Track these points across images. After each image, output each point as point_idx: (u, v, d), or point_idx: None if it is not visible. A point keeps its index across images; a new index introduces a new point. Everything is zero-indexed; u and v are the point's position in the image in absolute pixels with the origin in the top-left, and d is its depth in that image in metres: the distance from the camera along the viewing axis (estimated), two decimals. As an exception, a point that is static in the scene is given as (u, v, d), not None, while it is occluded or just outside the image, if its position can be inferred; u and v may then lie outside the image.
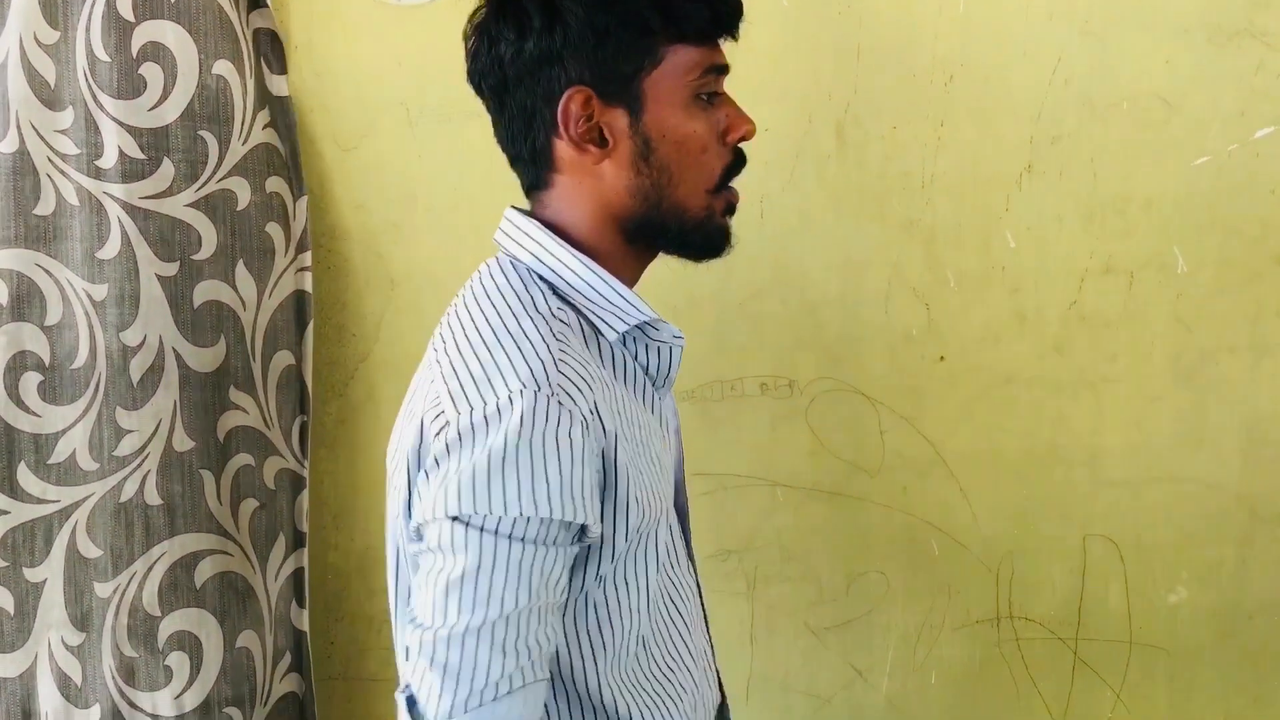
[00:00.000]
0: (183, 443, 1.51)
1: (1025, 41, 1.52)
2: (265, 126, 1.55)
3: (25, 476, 1.46)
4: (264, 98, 1.55)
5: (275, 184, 1.56)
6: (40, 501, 1.46)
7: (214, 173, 1.52)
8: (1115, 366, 1.59)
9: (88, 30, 1.46)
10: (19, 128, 1.43)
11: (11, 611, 1.47)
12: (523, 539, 0.87)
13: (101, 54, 1.46)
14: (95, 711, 1.49)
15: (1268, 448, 1.59)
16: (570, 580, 0.95)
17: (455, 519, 0.87)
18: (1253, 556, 1.62)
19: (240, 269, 1.54)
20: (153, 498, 1.50)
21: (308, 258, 1.61)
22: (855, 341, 1.61)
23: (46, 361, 1.46)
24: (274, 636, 1.61)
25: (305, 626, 1.65)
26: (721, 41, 1.02)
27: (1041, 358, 1.60)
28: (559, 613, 0.92)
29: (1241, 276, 1.55)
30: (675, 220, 1.01)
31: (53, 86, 1.45)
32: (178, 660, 1.51)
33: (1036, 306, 1.59)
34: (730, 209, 1.05)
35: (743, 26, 1.03)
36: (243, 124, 1.52)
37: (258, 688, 1.57)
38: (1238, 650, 1.64)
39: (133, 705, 1.50)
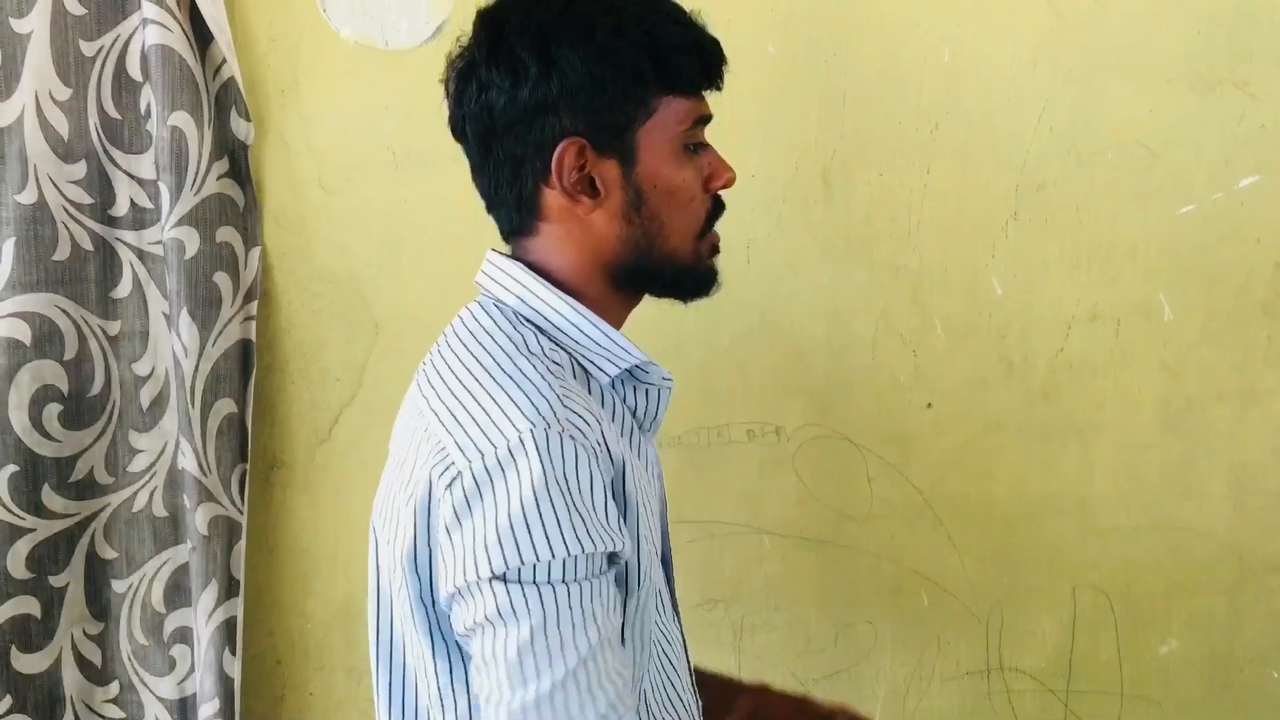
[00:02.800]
0: (181, 462, 1.62)
1: (1010, 90, 1.53)
2: (221, 177, 1.58)
3: (49, 496, 1.58)
4: (223, 147, 1.58)
5: (226, 234, 1.59)
6: (63, 517, 1.59)
7: (164, 221, 1.56)
8: (1103, 414, 1.59)
9: (99, 88, 1.55)
10: (37, 180, 1.53)
11: (38, 615, 1.59)
12: (575, 579, 0.86)
13: (113, 111, 1.56)
14: (115, 687, 1.65)
15: (1257, 496, 1.59)
16: None
17: (503, 578, 0.85)
18: (1244, 606, 1.61)
19: (184, 317, 1.57)
20: (159, 510, 1.63)
21: (254, 307, 1.62)
22: (842, 388, 1.61)
23: (66, 391, 1.58)
24: (201, 679, 1.62)
25: (235, 674, 1.62)
26: (705, 92, 1.03)
27: (1029, 405, 1.59)
28: (620, 640, 0.91)
29: (1228, 324, 1.56)
30: (667, 267, 1.02)
31: (66, 140, 1.55)
32: (180, 651, 1.65)
33: (1023, 354, 1.58)
34: (715, 250, 1.05)
35: (725, 77, 1.03)
36: (196, 174, 1.56)
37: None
38: (1230, 702, 1.63)
39: (144, 685, 1.65)
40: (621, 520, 0.92)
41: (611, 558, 0.90)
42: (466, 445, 0.89)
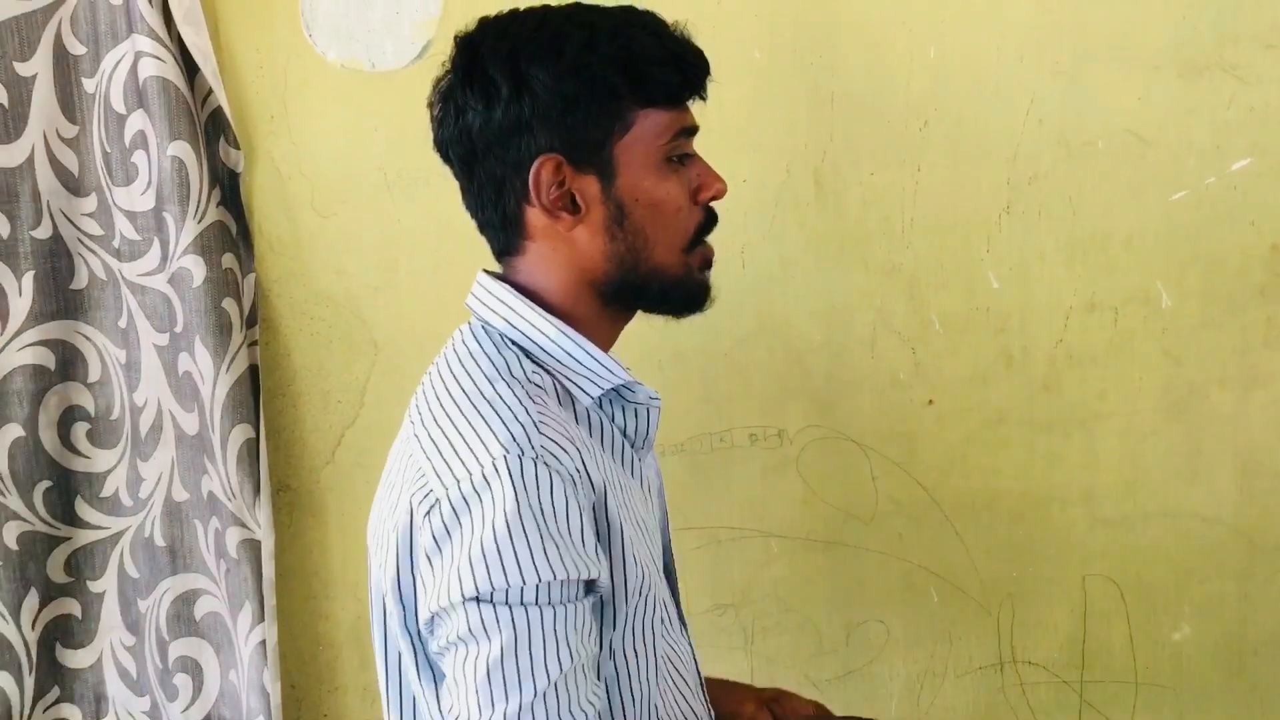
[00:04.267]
0: (179, 493, 1.65)
1: (998, 83, 1.53)
2: (219, 204, 1.60)
3: (83, 508, 1.66)
4: (215, 175, 1.59)
5: (229, 260, 1.61)
6: (97, 528, 1.67)
7: (174, 250, 1.57)
8: (1105, 403, 1.58)
9: (99, 124, 1.58)
10: (51, 216, 1.59)
11: (80, 616, 1.68)
12: (550, 602, 0.86)
13: (107, 145, 1.58)
14: (147, 701, 1.70)
15: (1262, 479, 1.58)
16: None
17: (476, 600, 0.85)
18: (1254, 590, 1.60)
19: (198, 344, 1.59)
20: (159, 539, 1.66)
21: (256, 332, 1.64)
22: (843, 387, 1.61)
23: (92, 412, 1.65)
24: (246, 697, 1.64)
25: (274, 692, 1.63)
26: (690, 102, 1.02)
27: (1031, 397, 1.59)
28: (596, 670, 0.91)
29: (1226, 309, 1.55)
30: (655, 281, 1.01)
31: (76, 175, 1.59)
32: (183, 681, 1.69)
33: (1023, 346, 1.58)
34: (707, 264, 1.04)
35: (711, 85, 1.02)
36: (198, 202, 1.57)
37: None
38: (1245, 686, 1.62)
39: (164, 707, 1.70)
40: (601, 548, 0.92)
41: (589, 585, 0.90)
42: (444, 472, 0.90)
